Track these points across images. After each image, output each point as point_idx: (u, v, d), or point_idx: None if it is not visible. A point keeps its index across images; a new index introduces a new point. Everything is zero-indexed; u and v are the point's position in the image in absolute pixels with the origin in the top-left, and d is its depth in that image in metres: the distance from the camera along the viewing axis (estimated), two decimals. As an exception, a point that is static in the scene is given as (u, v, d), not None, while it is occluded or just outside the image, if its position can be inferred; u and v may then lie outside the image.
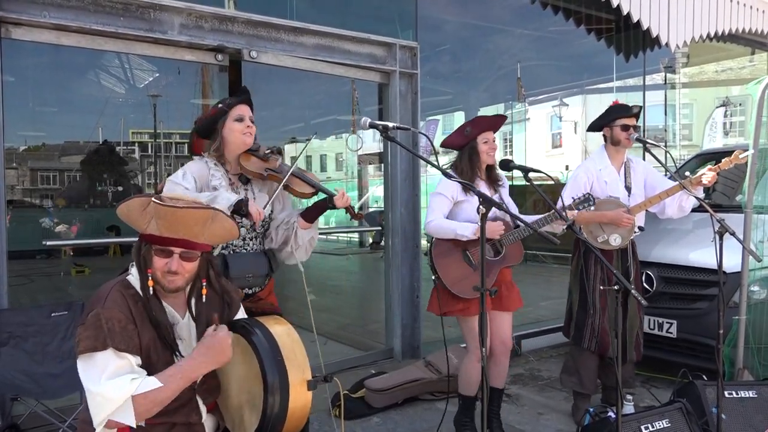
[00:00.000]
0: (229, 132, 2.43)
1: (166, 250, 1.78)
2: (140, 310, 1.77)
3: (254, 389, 1.87)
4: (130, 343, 1.69)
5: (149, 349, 1.75)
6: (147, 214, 1.77)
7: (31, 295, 7.63)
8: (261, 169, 2.44)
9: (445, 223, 3.19)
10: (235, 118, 2.44)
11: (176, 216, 1.75)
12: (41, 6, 3.42)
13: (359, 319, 6.96)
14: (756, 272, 3.86)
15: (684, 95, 13.68)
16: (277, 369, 1.86)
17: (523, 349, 5.09)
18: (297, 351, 1.97)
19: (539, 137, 15.09)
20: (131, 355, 1.69)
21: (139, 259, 1.81)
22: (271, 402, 1.83)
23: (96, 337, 1.65)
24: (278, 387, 1.84)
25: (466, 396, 3.34)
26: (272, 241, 2.55)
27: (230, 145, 2.45)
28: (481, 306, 2.13)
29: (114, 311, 1.70)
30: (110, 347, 1.65)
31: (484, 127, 3.26)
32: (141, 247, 1.81)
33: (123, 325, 1.70)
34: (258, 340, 1.90)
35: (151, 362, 1.75)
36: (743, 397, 3.23)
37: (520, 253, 3.27)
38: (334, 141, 15.46)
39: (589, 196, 3.16)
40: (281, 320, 2.14)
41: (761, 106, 3.76)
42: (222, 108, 2.45)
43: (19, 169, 12.34)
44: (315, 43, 4.46)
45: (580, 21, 6.50)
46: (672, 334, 4.16)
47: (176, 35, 3.84)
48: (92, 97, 9.08)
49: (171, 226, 1.76)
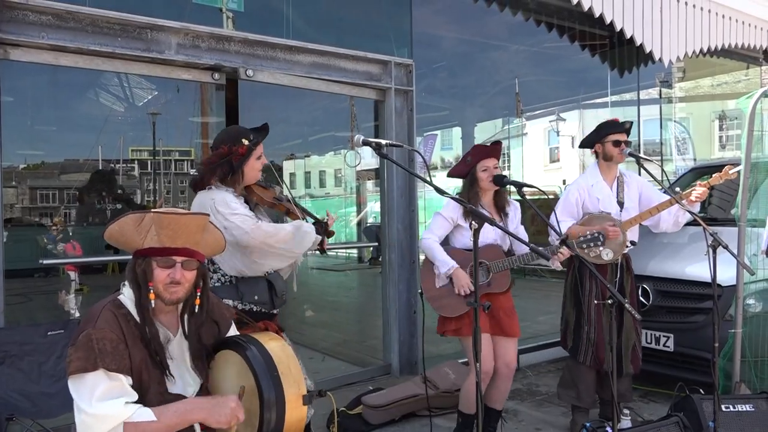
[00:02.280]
0: (251, 170, 2.60)
1: (169, 261, 1.79)
2: (132, 330, 1.76)
3: (249, 406, 1.87)
4: (122, 363, 1.68)
5: (140, 369, 1.74)
6: (142, 228, 1.78)
7: (28, 314, 7.61)
8: (271, 198, 2.67)
9: (434, 247, 3.26)
10: (257, 156, 2.60)
11: (180, 223, 1.78)
12: (39, 27, 3.46)
13: (357, 334, 6.95)
14: (751, 285, 3.86)
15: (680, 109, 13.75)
16: (273, 384, 1.86)
17: (521, 364, 5.08)
18: (292, 366, 1.98)
19: (537, 152, 15.15)
20: (123, 375, 1.68)
21: (135, 275, 1.80)
22: (267, 418, 1.83)
23: (87, 357, 1.64)
24: (274, 402, 1.85)
25: (466, 414, 3.33)
26: None
27: (247, 179, 2.61)
28: (474, 320, 2.14)
29: (105, 331, 1.69)
30: (101, 368, 1.63)
31: (482, 155, 3.31)
32: (137, 264, 1.80)
33: (114, 345, 1.68)
34: (252, 355, 1.90)
35: (142, 382, 1.74)
36: (740, 411, 3.23)
37: (506, 281, 3.31)
38: (333, 157, 15.50)
39: (598, 236, 3.15)
40: (275, 336, 2.16)
41: (752, 120, 3.80)
42: (249, 146, 2.58)
43: (19, 188, 12.34)
44: (311, 62, 4.51)
45: (574, 37, 6.56)
46: (669, 347, 4.15)
47: (173, 55, 3.89)
48: (91, 115, 9.12)
49: (173, 235, 1.78)
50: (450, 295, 3.19)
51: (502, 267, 3.22)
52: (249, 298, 2.52)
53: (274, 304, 2.56)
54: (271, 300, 2.55)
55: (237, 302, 2.52)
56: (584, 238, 3.17)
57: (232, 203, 2.49)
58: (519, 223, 3.44)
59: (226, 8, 4.41)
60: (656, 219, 3.62)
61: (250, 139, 2.57)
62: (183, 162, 13.70)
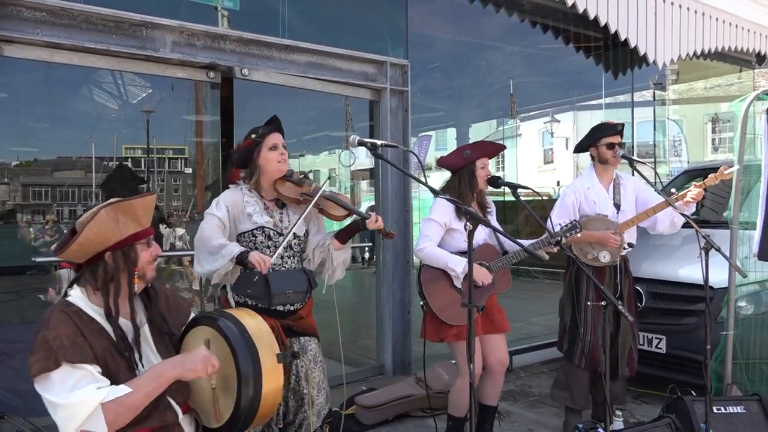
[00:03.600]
0: (265, 161, 2.57)
1: (148, 240, 1.89)
2: (86, 324, 1.76)
3: (226, 372, 1.89)
4: (83, 354, 1.68)
5: (105, 358, 1.75)
6: (112, 221, 1.80)
7: (20, 312, 7.57)
8: (296, 194, 2.57)
9: (438, 253, 3.17)
10: (269, 147, 2.57)
11: (147, 204, 1.86)
12: (34, 24, 3.45)
13: (350, 334, 6.93)
14: (743, 288, 3.89)
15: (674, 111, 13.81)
16: (246, 346, 1.90)
17: (514, 365, 5.09)
18: (263, 330, 2.03)
19: (531, 153, 15.16)
20: (88, 365, 1.68)
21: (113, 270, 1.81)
22: (245, 376, 1.86)
23: (47, 357, 1.64)
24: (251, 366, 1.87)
25: (456, 417, 3.31)
26: (310, 262, 2.71)
27: (266, 173, 2.58)
28: (468, 320, 2.14)
29: (59, 329, 1.69)
30: (63, 362, 1.64)
31: (484, 153, 3.27)
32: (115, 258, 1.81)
33: (72, 339, 1.69)
34: (224, 324, 1.95)
35: (110, 369, 1.75)
36: (732, 413, 3.25)
37: (508, 280, 3.30)
38: (327, 156, 15.48)
39: (575, 224, 3.17)
40: (242, 309, 2.23)
41: (745, 123, 3.83)
42: (256, 139, 2.57)
43: (11, 185, 12.26)
44: (306, 61, 4.51)
45: (569, 39, 6.59)
46: (661, 349, 4.17)
47: (168, 53, 3.88)
48: (85, 112, 9.07)
49: (147, 215, 1.87)
50: (457, 303, 3.08)
51: (501, 266, 3.21)
52: (242, 290, 2.52)
53: (270, 300, 2.51)
54: (267, 296, 2.50)
55: (233, 293, 2.56)
56: (565, 227, 3.16)
57: (215, 202, 2.56)
58: (495, 219, 3.43)
59: (221, 7, 4.40)
60: (653, 221, 3.64)
61: (258, 132, 2.58)
62: (177, 160, 13.66)
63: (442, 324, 3.17)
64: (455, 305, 3.12)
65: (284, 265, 2.60)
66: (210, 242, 2.43)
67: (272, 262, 2.42)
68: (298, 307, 2.63)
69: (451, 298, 3.15)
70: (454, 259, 3.12)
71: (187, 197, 9.58)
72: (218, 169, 4.62)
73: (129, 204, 1.81)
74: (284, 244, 2.52)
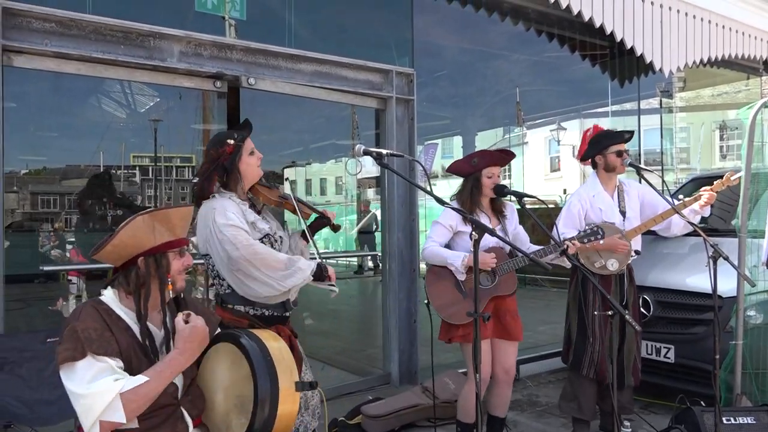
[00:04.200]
0: (247, 166, 2.55)
1: (181, 250, 1.93)
2: (115, 321, 1.82)
3: (243, 392, 1.89)
4: (109, 347, 1.74)
5: (129, 355, 1.80)
6: (149, 227, 1.86)
7: (28, 320, 7.60)
8: (275, 196, 2.61)
9: (438, 250, 3.23)
10: (249, 152, 2.56)
11: (183, 214, 1.93)
12: (43, 35, 3.48)
13: (356, 343, 6.93)
14: (752, 297, 3.86)
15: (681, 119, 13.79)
16: (267, 369, 1.90)
17: (521, 375, 5.06)
18: (284, 353, 2.03)
19: (538, 161, 15.18)
20: (110, 358, 1.73)
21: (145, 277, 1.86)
22: (261, 404, 1.85)
23: (75, 347, 1.71)
24: (269, 387, 1.88)
25: (465, 423, 3.30)
26: None
27: (248, 178, 2.57)
28: (475, 331, 2.13)
29: (88, 322, 1.76)
30: (89, 353, 1.70)
31: (491, 162, 3.29)
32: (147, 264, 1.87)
33: (99, 332, 1.75)
34: (247, 342, 1.95)
35: (132, 367, 1.79)
36: (741, 423, 3.21)
37: (513, 283, 3.29)
38: (334, 165, 15.52)
39: (597, 229, 3.15)
40: (268, 330, 2.22)
41: (752, 131, 3.81)
42: (236, 143, 2.55)
43: (20, 193, 12.35)
44: (312, 70, 4.52)
45: (575, 47, 6.59)
46: (670, 359, 4.14)
47: (175, 63, 3.90)
48: (93, 121, 9.14)
49: (184, 225, 1.93)
50: (460, 302, 3.17)
51: (507, 269, 3.21)
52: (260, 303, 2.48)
53: (285, 308, 2.54)
54: (282, 304, 2.52)
55: (249, 308, 2.49)
56: (584, 232, 3.16)
57: (229, 212, 2.41)
58: (517, 223, 3.43)
59: (228, 17, 4.43)
60: (667, 223, 3.64)
61: (235, 137, 2.55)
62: (184, 168, 13.73)
63: (450, 324, 3.22)
64: (456, 305, 3.17)
65: None
66: (269, 259, 2.31)
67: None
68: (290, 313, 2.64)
69: (453, 298, 3.20)
70: (452, 255, 3.18)
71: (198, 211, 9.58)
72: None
73: (165, 213, 1.88)
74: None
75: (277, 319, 2.52)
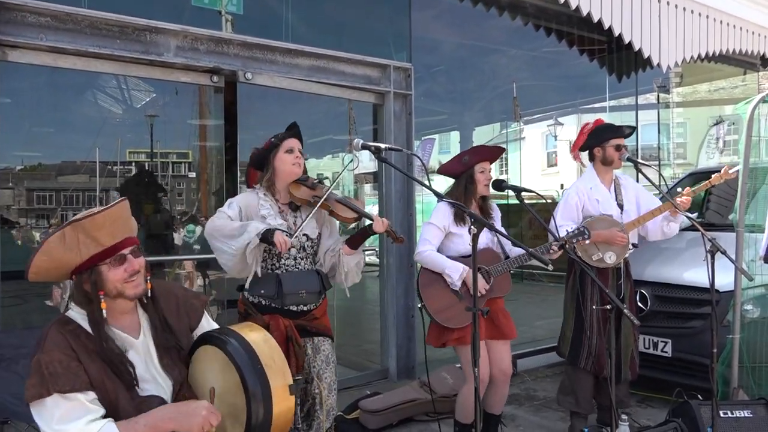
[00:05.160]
0: (280, 162, 2.62)
1: (120, 257, 1.75)
2: (83, 344, 1.70)
3: (235, 401, 1.83)
4: (76, 381, 1.62)
5: (102, 380, 1.68)
6: (71, 244, 1.69)
7: (24, 317, 7.57)
8: (309, 196, 2.62)
9: (436, 257, 3.18)
10: (285, 150, 2.63)
11: (114, 216, 1.73)
12: (38, 29, 3.46)
13: (354, 338, 6.92)
14: (749, 291, 3.86)
15: (678, 114, 13.80)
16: (258, 377, 1.82)
17: (519, 369, 5.08)
18: (276, 357, 1.94)
19: (535, 156, 15.16)
20: (81, 393, 1.62)
21: (84, 293, 1.74)
22: (255, 411, 1.80)
23: (41, 384, 1.60)
24: (261, 396, 1.81)
25: (463, 424, 3.29)
26: (322, 266, 2.73)
27: (281, 175, 2.63)
28: (473, 326, 2.13)
29: (54, 353, 1.64)
30: (54, 392, 1.59)
31: (482, 157, 3.27)
32: (83, 281, 1.74)
33: (65, 365, 1.63)
34: (234, 348, 1.86)
35: (108, 392, 1.69)
36: (738, 417, 3.22)
37: (508, 285, 3.28)
38: (331, 160, 15.47)
39: (583, 230, 3.14)
40: (255, 327, 2.10)
41: (750, 125, 3.81)
42: (274, 141, 2.64)
43: (15, 189, 12.30)
44: (310, 65, 4.51)
45: (573, 42, 6.58)
46: (667, 353, 4.15)
47: (172, 57, 3.88)
48: (89, 117, 9.08)
49: (114, 231, 1.73)
50: (455, 305, 3.12)
51: (501, 270, 3.20)
52: (256, 291, 2.58)
53: (283, 300, 2.55)
54: (279, 295, 2.54)
55: (248, 294, 2.61)
56: (571, 233, 3.14)
57: (228, 202, 2.59)
58: (500, 225, 3.41)
59: (225, 11, 4.41)
60: (645, 229, 3.65)
61: (277, 136, 2.66)
62: (181, 164, 13.70)
63: (444, 328, 3.16)
64: (452, 308, 3.13)
65: (297, 266, 2.64)
66: (225, 228, 2.45)
67: (291, 243, 2.47)
68: (312, 307, 2.67)
69: (449, 301, 3.15)
70: (451, 266, 3.12)
71: (191, 201, 9.58)
72: (222, 173, 4.62)
73: (91, 221, 1.68)
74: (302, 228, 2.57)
75: (271, 309, 2.54)
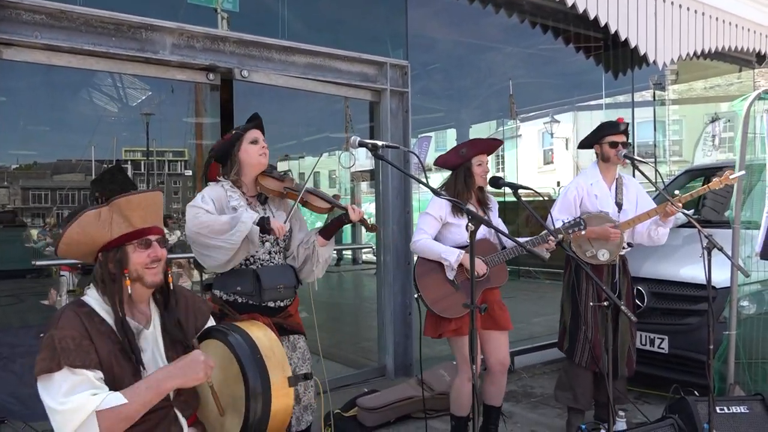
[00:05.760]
0: (246, 154, 2.56)
1: (147, 241, 1.80)
2: (96, 326, 1.74)
3: (235, 392, 1.86)
4: (86, 358, 1.66)
5: (110, 362, 1.72)
6: (104, 221, 1.75)
7: (20, 316, 7.56)
8: (280, 187, 2.57)
9: (431, 244, 3.19)
10: (249, 141, 2.57)
11: (148, 201, 1.80)
12: (33, 26, 3.44)
13: (351, 336, 6.93)
14: (745, 287, 3.88)
15: (674, 111, 13.81)
16: (257, 368, 1.86)
17: (516, 366, 5.08)
18: (275, 350, 1.99)
19: (531, 154, 15.16)
20: (89, 371, 1.66)
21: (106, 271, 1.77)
22: (253, 403, 1.82)
23: (51, 358, 1.63)
24: (260, 386, 1.84)
25: (458, 417, 3.30)
26: (295, 260, 2.68)
27: (247, 167, 2.57)
28: (471, 322, 2.13)
29: (66, 330, 1.68)
30: (65, 365, 1.62)
31: (480, 150, 3.28)
32: (108, 259, 1.78)
33: (77, 342, 1.67)
34: (235, 340, 1.90)
35: (115, 375, 1.72)
36: (735, 413, 3.24)
37: (504, 275, 3.29)
38: (327, 158, 15.44)
39: (579, 220, 3.16)
40: (257, 323, 2.17)
41: (746, 123, 3.82)
42: (237, 133, 2.58)
43: (10, 188, 12.25)
44: (306, 62, 4.50)
45: (569, 40, 6.58)
46: (664, 349, 4.16)
47: (168, 55, 3.87)
48: (85, 115, 9.06)
49: (145, 215, 1.79)
50: (451, 296, 3.14)
51: (498, 261, 3.20)
52: (231, 288, 2.50)
53: (261, 296, 2.49)
54: (257, 292, 2.47)
55: (221, 292, 2.52)
56: (567, 223, 3.15)
57: (200, 196, 2.48)
58: (497, 216, 3.43)
59: (221, 8, 4.39)
60: (630, 234, 3.65)
61: (239, 128, 2.60)
62: (176, 163, 13.66)
63: (441, 319, 3.17)
64: (448, 298, 3.14)
65: (272, 261, 2.59)
66: (215, 224, 2.34)
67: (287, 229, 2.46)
68: (287, 303, 2.62)
69: (445, 291, 3.16)
70: (447, 249, 3.14)
71: (187, 199, 9.56)
72: (218, 171, 4.61)
73: (118, 204, 1.74)
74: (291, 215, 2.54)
75: (250, 308, 2.49)
